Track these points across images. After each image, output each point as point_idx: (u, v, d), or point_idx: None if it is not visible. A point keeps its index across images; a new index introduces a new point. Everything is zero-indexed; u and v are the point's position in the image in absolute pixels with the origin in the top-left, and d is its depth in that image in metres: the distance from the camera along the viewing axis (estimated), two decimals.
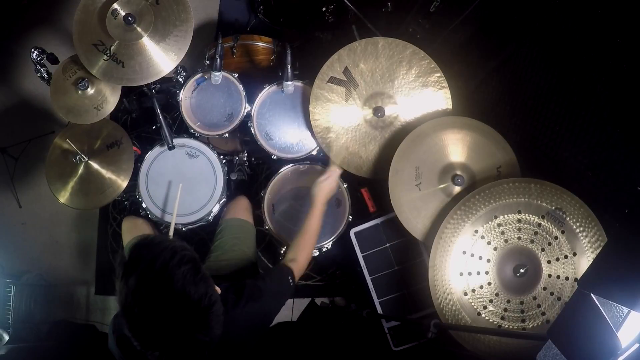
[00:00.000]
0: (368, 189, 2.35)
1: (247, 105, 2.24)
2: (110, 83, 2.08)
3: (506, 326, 1.74)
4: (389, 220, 2.20)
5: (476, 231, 1.79)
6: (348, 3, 2.44)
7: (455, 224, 1.81)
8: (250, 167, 2.62)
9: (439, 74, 2.10)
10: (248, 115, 2.25)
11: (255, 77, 2.45)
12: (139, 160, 2.24)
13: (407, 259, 2.18)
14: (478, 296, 1.77)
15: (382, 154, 2.14)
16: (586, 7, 1.65)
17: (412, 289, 2.16)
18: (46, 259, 2.83)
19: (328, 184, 1.89)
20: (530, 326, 1.74)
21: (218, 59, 2.13)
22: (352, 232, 2.21)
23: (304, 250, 1.74)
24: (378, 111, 2.10)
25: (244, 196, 2.32)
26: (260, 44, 2.45)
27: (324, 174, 1.92)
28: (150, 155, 2.25)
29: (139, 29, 1.95)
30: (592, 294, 1.06)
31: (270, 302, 1.55)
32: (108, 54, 1.96)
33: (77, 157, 2.12)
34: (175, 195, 2.11)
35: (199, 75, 2.27)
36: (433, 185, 1.97)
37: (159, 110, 2.17)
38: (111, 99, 2.12)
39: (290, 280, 1.63)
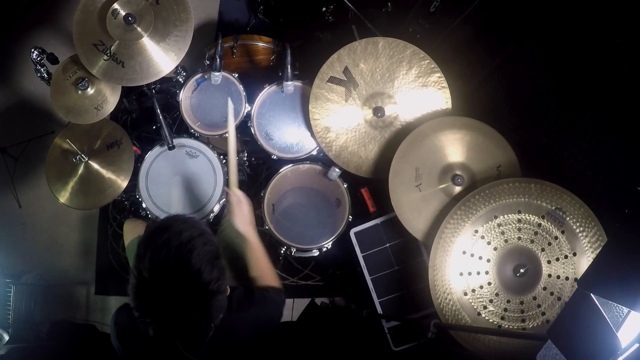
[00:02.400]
0: (368, 189, 2.35)
1: (247, 105, 2.24)
2: (110, 83, 2.08)
3: (506, 326, 1.74)
4: (389, 220, 2.19)
5: (476, 231, 1.79)
6: (348, 3, 2.44)
7: (455, 224, 1.81)
8: (250, 167, 2.62)
9: (439, 74, 2.10)
10: (248, 115, 2.25)
11: (255, 77, 2.45)
12: (139, 160, 2.24)
13: (407, 259, 2.18)
14: (478, 296, 1.77)
15: (382, 153, 2.14)
16: (586, 7, 1.65)
17: (412, 289, 2.16)
18: (46, 259, 2.83)
19: (241, 209, 1.72)
20: (530, 326, 1.74)
21: (218, 59, 2.13)
22: (352, 232, 2.21)
23: (262, 267, 1.67)
24: (378, 111, 2.10)
25: (245, 195, 2.31)
26: (260, 44, 2.45)
27: (229, 204, 1.73)
28: (150, 155, 2.25)
29: (139, 29, 1.95)
30: (592, 294, 1.06)
31: (273, 310, 1.55)
32: (108, 54, 1.96)
33: (77, 157, 2.12)
34: (177, 195, 2.12)
35: (199, 75, 2.27)
36: (433, 186, 1.97)
37: (159, 110, 2.17)
38: (111, 99, 2.12)
39: (282, 292, 1.63)
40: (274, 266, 1.71)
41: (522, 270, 1.74)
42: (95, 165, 2.16)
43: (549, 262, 1.75)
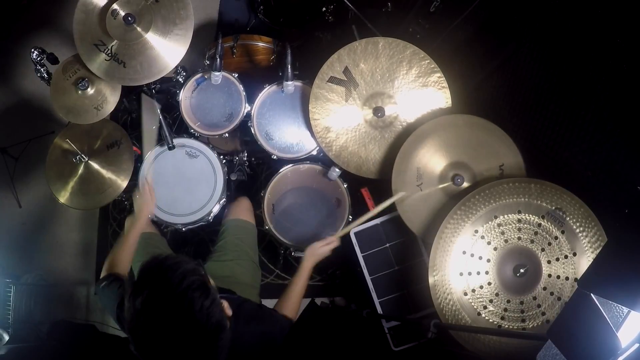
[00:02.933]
0: (368, 189, 2.35)
1: (247, 105, 2.24)
2: (112, 83, 2.08)
3: (506, 326, 1.74)
4: (389, 220, 2.20)
5: (476, 231, 1.79)
6: (348, 3, 2.44)
7: (455, 224, 1.81)
8: (250, 167, 2.63)
9: (439, 74, 2.10)
10: (248, 115, 2.25)
11: (255, 77, 2.45)
12: (139, 160, 2.25)
13: (407, 259, 2.18)
14: (478, 296, 1.77)
15: (382, 153, 2.14)
16: (586, 7, 1.65)
17: (412, 289, 2.16)
18: (46, 259, 2.83)
19: (323, 251, 1.85)
20: (530, 326, 1.74)
21: (218, 59, 2.13)
22: (352, 232, 2.21)
23: (292, 311, 1.73)
24: (378, 111, 2.10)
25: (246, 197, 2.32)
26: (260, 44, 2.45)
27: (322, 240, 1.86)
28: (150, 155, 2.25)
29: (139, 29, 1.95)
30: (592, 294, 1.06)
31: (278, 332, 1.55)
32: (109, 54, 1.97)
33: (77, 157, 2.12)
34: (177, 195, 2.11)
35: (199, 75, 2.27)
36: (434, 185, 1.97)
37: (159, 110, 2.17)
38: (111, 99, 2.12)
39: (291, 324, 1.65)
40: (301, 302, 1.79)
41: (522, 270, 1.74)
42: (95, 165, 2.16)
43: (549, 262, 1.75)
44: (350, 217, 2.19)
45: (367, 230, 2.22)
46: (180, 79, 2.30)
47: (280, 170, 2.26)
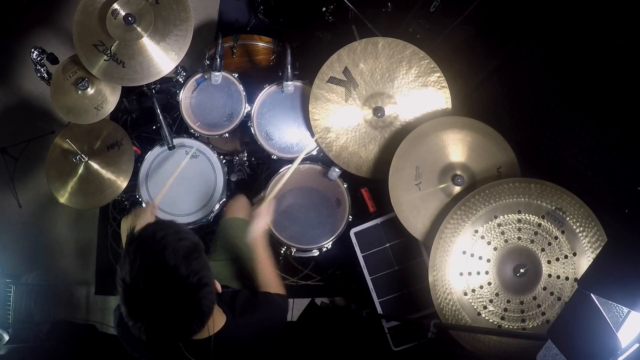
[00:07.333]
0: (368, 189, 2.35)
1: (247, 105, 2.24)
2: (111, 83, 2.08)
3: (506, 326, 1.74)
4: (389, 220, 2.19)
5: (476, 231, 1.79)
6: (348, 3, 2.44)
7: (455, 224, 1.81)
8: (250, 167, 2.62)
9: (438, 74, 2.10)
10: (248, 115, 2.25)
11: (255, 77, 2.44)
12: (139, 160, 2.24)
13: (407, 259, 2.18)
14: (478, 296, 1.77)
15: (382, 153, 2.14)
16: (586, 7, 1.65)
17: (412, 289, 2.16)
18: (46, 259, 2.83)
19: (258, 227, 1.75)
20: (530, 326, 1.74)
21: (218, 59, 2.13)
22: (352, 232, 2.21)
23: (276, 286, 1.70)
24: (378, 111, 2.11)
25: (243, 195, 2.32)
26: (260, 44, 2.45)
27: (253, 217, 1.77)
28: (150, 155, 2.25)
29: (139, 29, 1.95)
30: (592, 294, 1.06)
31: (278, 313, 1.55)
32: (108, 54, 1.96)
33: (77, 157, 2.12)
34: (177, 195, 2.11)
35: (199, 75, 2.27)
36: (433, 185, 1.97)
37: (159, 110, 2.17)
38: (111, 99, 2.12)
39: (287, 299, 1.65)
40: (277, 272, 1.74)
41: (522, 270, 1.74)
42: (95, 166, 2.16)
43: (549, 262, 1.75)
44: (350, 217, 2.19)
45: (367, 230, 2.22)
46: (180, 79, 2.30)
47: (280, 170, 2.26)
